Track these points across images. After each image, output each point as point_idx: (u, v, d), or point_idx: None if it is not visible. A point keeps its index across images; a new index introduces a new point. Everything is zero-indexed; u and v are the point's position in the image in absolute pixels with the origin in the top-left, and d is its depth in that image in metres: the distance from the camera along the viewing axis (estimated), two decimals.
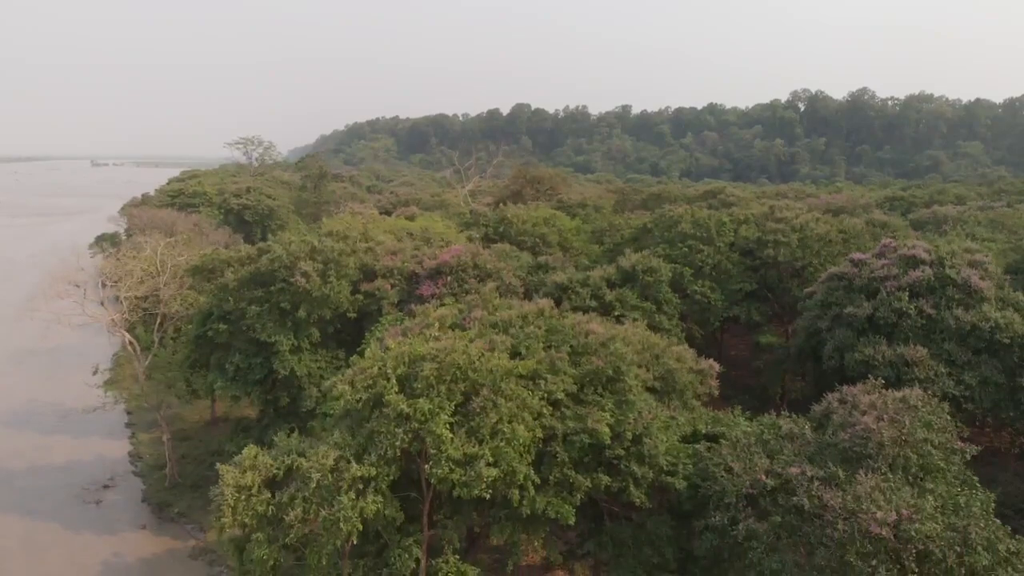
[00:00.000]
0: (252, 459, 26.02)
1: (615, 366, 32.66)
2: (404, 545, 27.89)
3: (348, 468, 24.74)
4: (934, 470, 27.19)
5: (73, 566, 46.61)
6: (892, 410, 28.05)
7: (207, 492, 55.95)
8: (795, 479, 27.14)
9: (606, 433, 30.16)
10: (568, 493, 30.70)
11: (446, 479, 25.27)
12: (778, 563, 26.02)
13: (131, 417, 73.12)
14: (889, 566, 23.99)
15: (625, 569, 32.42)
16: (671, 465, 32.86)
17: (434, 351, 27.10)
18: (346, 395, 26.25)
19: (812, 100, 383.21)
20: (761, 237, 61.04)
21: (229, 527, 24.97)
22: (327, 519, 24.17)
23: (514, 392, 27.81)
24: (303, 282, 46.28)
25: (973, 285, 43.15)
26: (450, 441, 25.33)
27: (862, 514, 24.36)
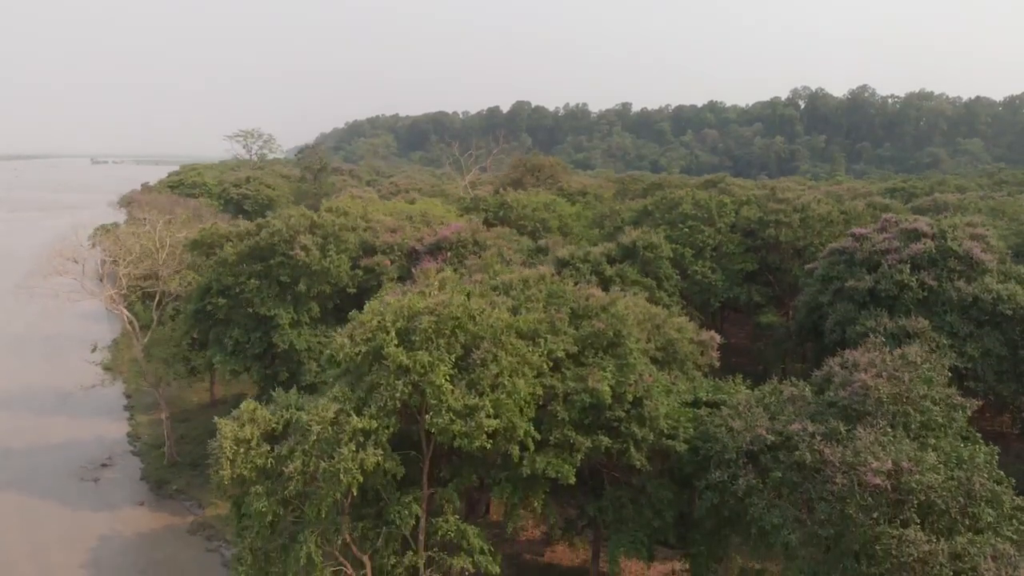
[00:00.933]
0: (251, 412, 25.86)
1: (616, 329, 32.49)
2: (404, 502, 27.72)
3: (348, 421, 24.57)
4: (935, 426, 27.02)
5: (71, 540, 46.42)
6: (891, 367, 27.88)
7: (206, 471, 56.12)
8: (796, 435, 27.00)
9: (607, 392, 29.98)
10: (568, 453, 30.54)
11: (446, 430, 25.09)
12: (779, 518, 25.87)
13: (130, 400, 73.00)
14: (891, 519, 23.83)
15: (625, 533, 32.25)
16: (671, 429, 32.71)
17: (433, 305, 26.94)
18: (345, 348, 26.09)
19: (812, 98, 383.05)
20: (763, 217, 60.91)
21: (227, 480, 24.77)
22: (327, 471, 23.98)
23: (514, 347, 27.64)
24: (303, 255, 46.13)
25: (975, 257, 43.01)
26: (450, 392, 25.17)
27: (861, 467, 24.19)
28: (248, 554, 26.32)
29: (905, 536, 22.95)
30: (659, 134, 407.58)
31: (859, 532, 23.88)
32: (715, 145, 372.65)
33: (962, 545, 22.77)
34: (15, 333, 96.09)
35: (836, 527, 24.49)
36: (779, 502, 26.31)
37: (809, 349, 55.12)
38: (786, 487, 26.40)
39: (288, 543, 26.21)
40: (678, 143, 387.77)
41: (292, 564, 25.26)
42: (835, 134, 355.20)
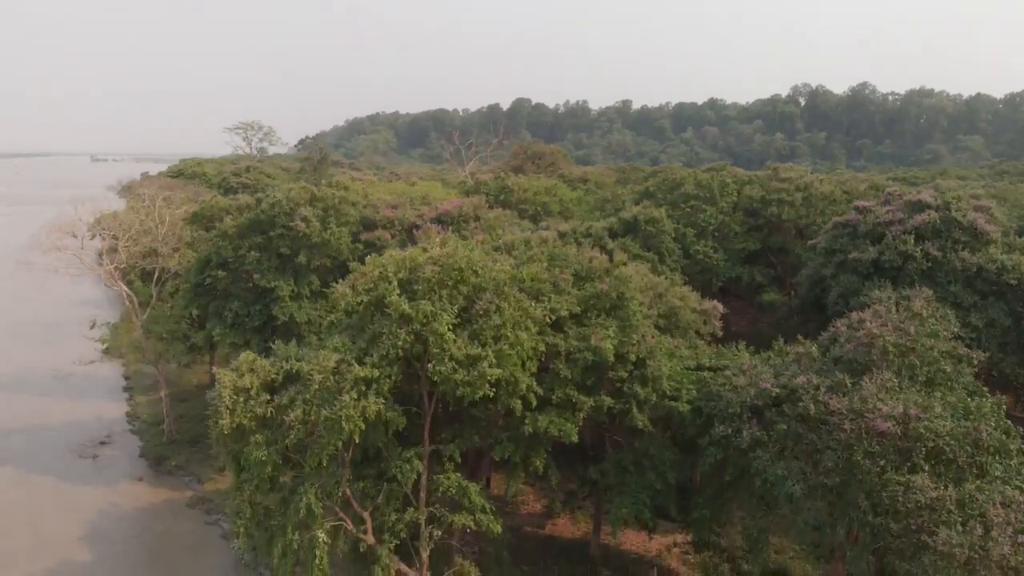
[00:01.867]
0: (250, 363, 25.56)
1: (619, 291, 32.23)
2: (405, 457, 27.44)
3: (350, 370, 24.28)
4: (942, 379, 26.76)
5: (68, 513, 46.13)
6: (897, 319, 27.61)
7: (205, 447, 55.90)
8: (801, 388, 26.72)
9: (609, 350, 29.72)
10: (571, 413, 30.27)
11: (449, 379, 24.79)
12: (783, 470, 25.59)
13: (129, 381, 72.73)
14: (898, 466, 23.56)
15: (627, 495, 31.97)
16: (674, 390, 32.48)
17: (436, 256, 26.66)
18: (347, 297, 25.81)
19: (812, 95, 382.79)
20: (765, 196, 60.65)
21: (227, 429, 24.45)
22: (328, 419, 23.67)
23: (517, 299, 27.35)
24: (303, 227, 45.87)
25: (979, 228, 42.77)
26: (452, 342, 24.88)
27: (868, 414, 23.92)
28: (247, 507, 26.03)
29: (912, 483, 22.70)
30: (659, 131, 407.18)
31: (866, 480, 23.62)
32: (715, 142, 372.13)
33: (970, 492, 22.50)
34: (16, 319, 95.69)
35: (842, 476, 24.24)
36: (784, 454, 26.02)
37: (811, 329, 54.83)
38: (791, 439, 26.13)
39: (288, 496, 25.93)
40: (678, 140, 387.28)
41: (292, 516, 24.96)
42: (835, 131, 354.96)
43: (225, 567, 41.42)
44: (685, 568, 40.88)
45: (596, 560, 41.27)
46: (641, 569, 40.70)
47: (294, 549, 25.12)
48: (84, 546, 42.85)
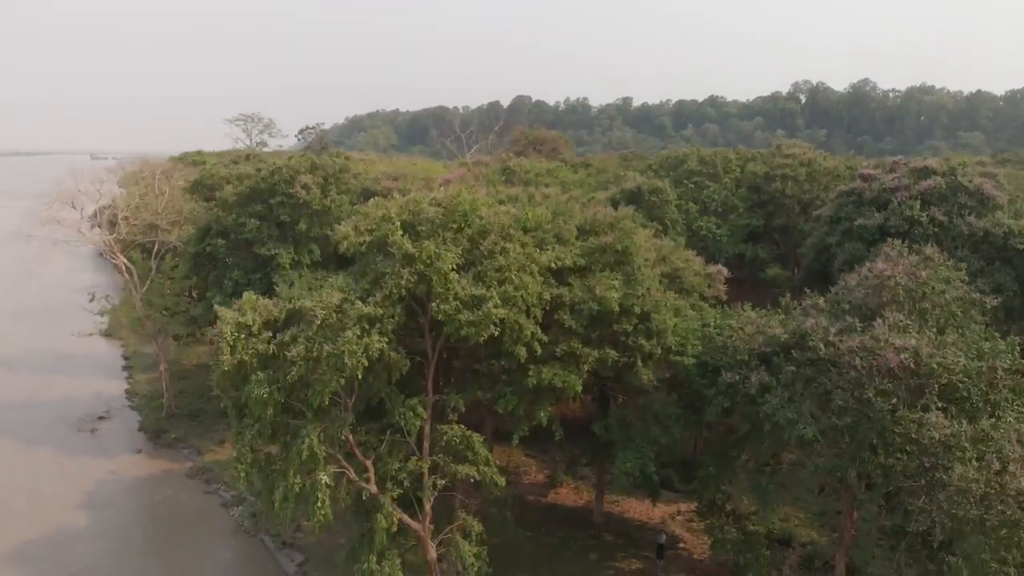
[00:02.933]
0: (252, 302, 25.16)
1: (624, 245, 31.85)
2: (409, 404, 27.02)
3: (353, 307, 23.86)
4: (955, 324, 26.35)
5: (67, 484, 45.69)
6: (908, 263, 27.21)
7: (205, 421, 55.50)
8: (810, 332, 26.29)
9: (614, 299, 29.32)
10: (575, 366, 29.85)
11: (453, 319, 24.37)
12: (793, 413, 25.13)
13: (128, 361, 72.34)
14: (911, 404, 23.14)
15: (632, 450, 31.51)
16: (679, 345, 32.07)
17: (439, 199, 26.27)
18: (349, 237, 25.39)
19: (813, 92, 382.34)
20: (768, 172, 60.23)
21: (227, 366, 24.04)
22: (331, 354, 23.25)
23: (522, 242, 26.95)
24: (303, 194, 45.47)
25: (986, 192, 42.41)
26: (457, 282, 24.47)
27: (879, 351, 23.50)
28: (248, 453, 25.59)
29: (926, 419, 22.29)
30: (660, 128, 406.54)
31: (877, 419, 23.20)
32: (716, 139, 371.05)
33: (985, 429, 22.09)
34: (15, 304, 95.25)
35: (853, 416, 23.80)
36: (793, 398, 25.59)
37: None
38: (800, 383, 25.69)
39: (289, 441, 25.50)
40: (679, 137, 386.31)
41: (294, 459, 24.52)
42: (836, 128, 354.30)
43: (225, 534, 41.02)
44: (689, 535, 40.50)
45: (599, 526, 40.89)
46: (644, 535, 40.31)
47: (295, 493, 24.69)
48: (82, 513, 42.45)
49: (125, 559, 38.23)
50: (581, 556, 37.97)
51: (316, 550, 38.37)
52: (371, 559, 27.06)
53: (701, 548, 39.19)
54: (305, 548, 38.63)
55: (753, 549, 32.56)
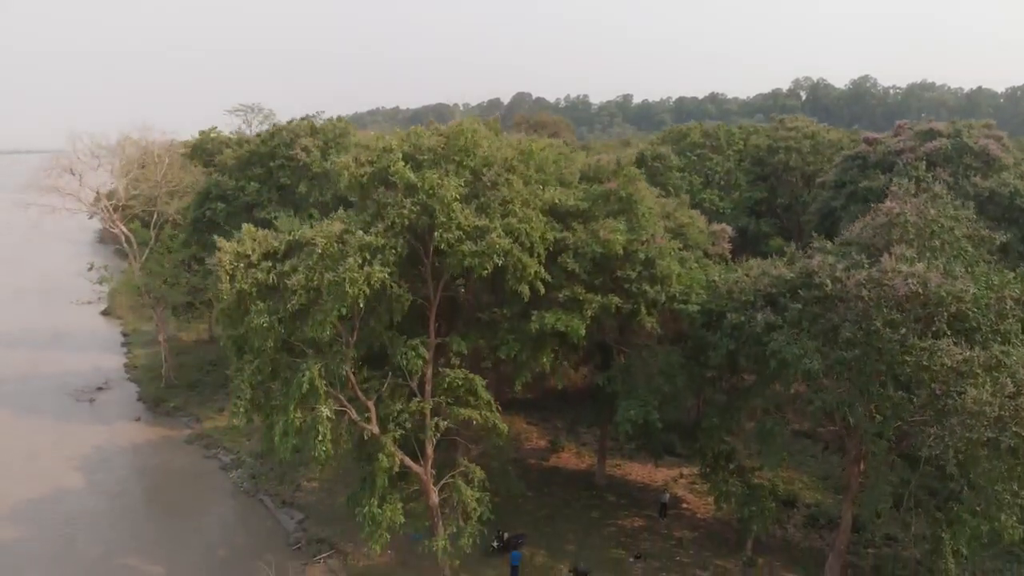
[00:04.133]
0: (251, 233, 24.81)
1: (628, 191, 31.49)
2: (411, 345, 26.65)
3: (354, 237, 23.47)
4: (964, 259, 25.99)
5: (65, 448, 45.30)
6: (918, 201, 26.87)
7: (204, 392, 55.11)
8: (817, 269, 25.94)
9: (619, 242, 28.96)
10: (578, 312, 29.45)
11: (457, 251, 23.98)
12: (800, 349, 24.77)
13: (127, 338, 71.90)
14: (920, 333, 22.78)
15: (636, 399, 31.07)
16: (684, 294, 31.71)
17: (441, 129, 25.86)
18: (349, 169, 24.99)
19: (814, 88, 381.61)
20: (772, 144, 59.82)
21: (227, 294, 23.66)
22: (332, 282, 22.87)
23: (525, 175, 26.59)
24: (303, 156, 45.09)
25: (992, 153, 42.07)
26: (460, 210, 24.09)
27: (887, 281, 23.13)
28: (247, 388, 25.18)
29: (937, 346, 21.94)
30: (660, 125, 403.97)
31: (886, 350, 22.85)
32: None
33: (997, 356, 21.75)
34: (14, 286, 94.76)
35: (861, 348, 23.44)
36: (800, 335, 25.23)
37: None
38: (807, 320, 25.35)
39: (289, 377, 25.11)
40: None
41: (294, 393, 24.12)
42: (837, 124, 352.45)
43: (224, 494, 40.66)
44: (692, 496, 40.16)
45: (601, 488, 40.53)
46: (647, 496, 39.95)
47: (296, 427, 24.27)
48: (79, 475, 42.10)
49: (123, 515, 37.91)
50: (583, 514, 37.61)
51: (316, 508, 38.02)
52: (372, 502, 26.70)
53: (704, 508, 38.85)
54: (305, 507, 38.27)
55: (758, 501, 32.22)
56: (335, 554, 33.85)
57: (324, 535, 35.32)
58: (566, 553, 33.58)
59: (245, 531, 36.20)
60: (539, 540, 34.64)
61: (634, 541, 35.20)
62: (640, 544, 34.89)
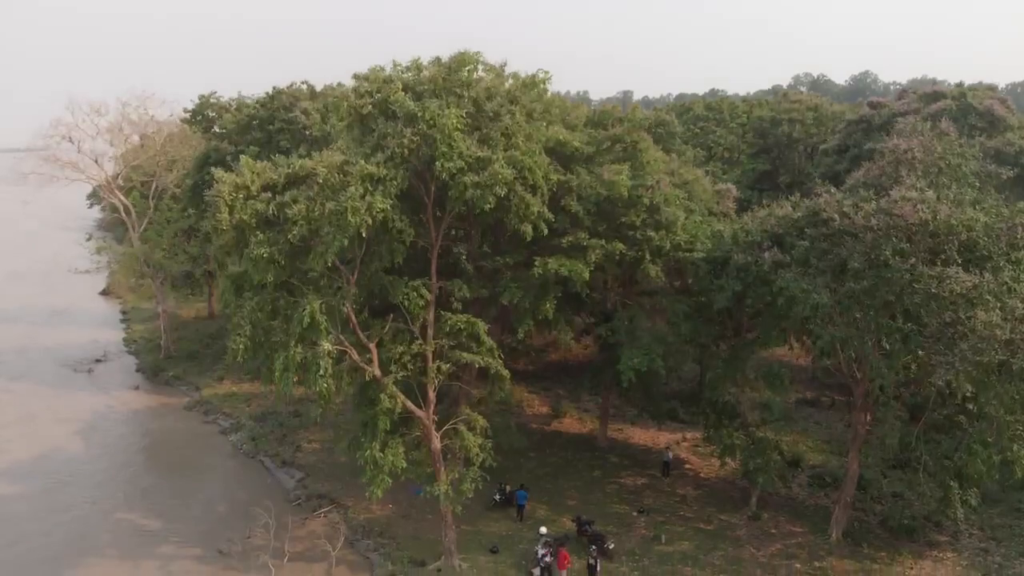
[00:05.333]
0: (250, 165, 24.42)
1: (633, 138, 31.17)
2: (412, 286, 26.28)
3: (356, 166, 23.08)
4: (972, 195, 25.63)
5: (62, 414, 44.94)
6: (924, 139, 26.55)
7: (203, 362, 54.76)
8: (824, 205, 25.61)
9: (623, 184, 28.57)
10: (582, 258, 29.05)
11: (459, 183, 23.58)
12: (809, 284, 24.42)
13: (126, 315, 71.50)
14: (930, 262, 22.45)
15: (639, 348, 30.70)
16: (688, 243, 31.40)
17: (442, 60, 25.38)
18: (349, 99, 24.61)
19: (814, 84, 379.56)
20: (775, 116, 59.49)
21: (226, 224, 23.29)
22: (333, 212, 22.49)
23: (528, 108, 26.21)
24: (303, 119, 44.72)
25: (997, 114, 41.78)
26: (461, 140, 23.69)
27: (896, 211, 22.81)
28: (247, 325, 24.82)
29: (946, 273, 21.60)
30: None
31: (895, 279, 22.50)
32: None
33: (1007, 281, 21.43)
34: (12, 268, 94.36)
35: (870, 280, 23.09)
36: (808, 271, 24.90)
37: None
38: (815, 256, 25.00)
39: (290, 314, 24.74)
40: None
41: (295, 328, 23.76)
42: None
43: (224, 456, 40.33)
44: (696, 458, 39.83)
45: (604, 450, 40.20)
46: (650, 457, 39.63)
47: (296, 362, 23.88)
48: (77, 438, 41.76)
49: (121, 473, 37.63)
50: (585, 473, 37.30)
51: (316, 468, 37.71)
52: (374, 446, 26.32)
53: (708, 469, 38.53)
54: (305, 466, 37.94)
55: (763, 454, 31.89)
56: (335, 508, 33.51)
57: (324, 491, 35.00)
58: (568, 508, 33.27)
59: (244, 489, 35.85)
60: (541, 496, 34.31)
61: (637, 497, 34.89)
62: (643, 500, 34.58)
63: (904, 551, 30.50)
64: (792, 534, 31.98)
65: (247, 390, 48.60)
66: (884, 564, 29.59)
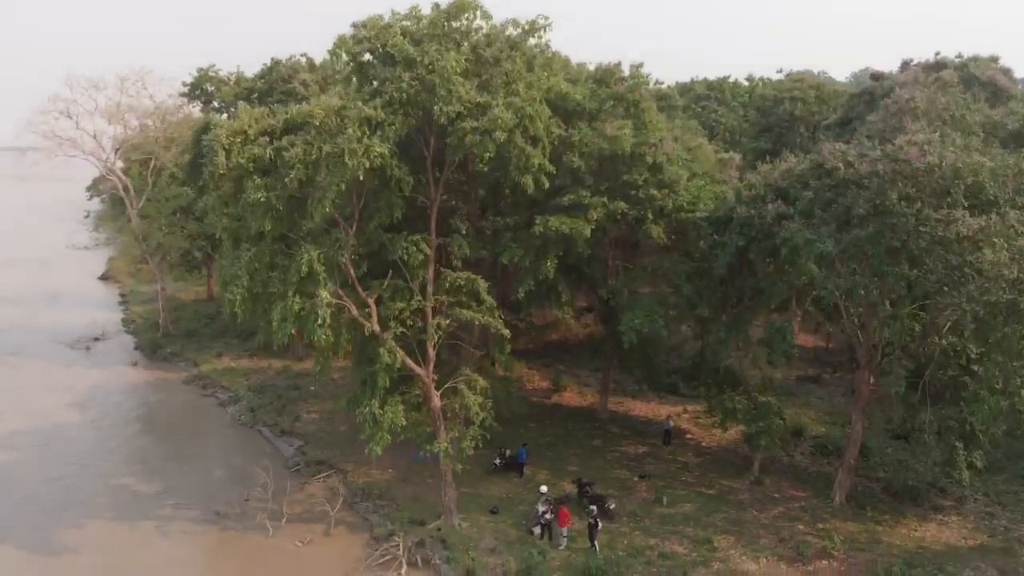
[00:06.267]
0: (248, 111, 24.11)
1: (636, 98, 30.87)
2: (411, 239, 26.00)
3: (354, 109, 22.77)
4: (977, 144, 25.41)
5: (58, 389, 44.44)
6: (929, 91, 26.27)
7: (201, 340, 54.44)
8: (828, 156, 25.33)
9: (627, 139, 28.30)
10: (583, 216, 28.75)
11: (459, 129, 23.27)
12: (813, 234, 24.14)
13: (124, 297, 71.06)
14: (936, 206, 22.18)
15: (641, 308, 30.42)
16: (691, 203, 31.11)
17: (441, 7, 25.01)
18: (346, 45, 24.30)
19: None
20: (777, 95, 59.22)
21: (222, 169, 22.99)
22: (331, 154, 22.21)
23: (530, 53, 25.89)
24: (302, 90, 44.44)
25: (999, 84, 41.49)
26: (461, 84, 23.39)
27: (902, 155, 22.52)
28: (244, 275, 24.53)
29: (953, 215, 21.35)
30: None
31: (901, 224, 22.22)
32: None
33: (1015, 224, 21.18)
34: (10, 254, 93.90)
35: (876, 225, 22.81)
36: (813, 221, 24.62)
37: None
38: (819, 206, 24.72)
39: (287, 265, 24.44)
40: None
41: (292, 276, 23.48)
42: None
43: (223, 426, 40.06)
44: (697, 428, 39.56)
45: (604, 421, 39.92)
46: (650, 428, 39.36)
47: (294, 311, 23.58)
48: (73, 411, 41.35)
49: (117, 441, 37.44)
50: (585, 442, 37.07)
51: (315, 436, 37.44)
52: (373, 403, 26.04)
53: (709, 438, 38.30)
54: (304, 435, 37.66)
55: (765, 417, 31.60)
56: (335, 473, 33.22)
57: (323, 457, 34.72)
58: (569, 473, 32.99)
59: (242, 455, 35.56)
60: (541, 462, 34.07)
61: (638, 464, 34.64)
62: (644, 467, 34.32)
63: (908, 514, 30.27)
64: (794, 498, 31.73)
65: (246, 366, 48.34)
66: (888, 526, 29.35)
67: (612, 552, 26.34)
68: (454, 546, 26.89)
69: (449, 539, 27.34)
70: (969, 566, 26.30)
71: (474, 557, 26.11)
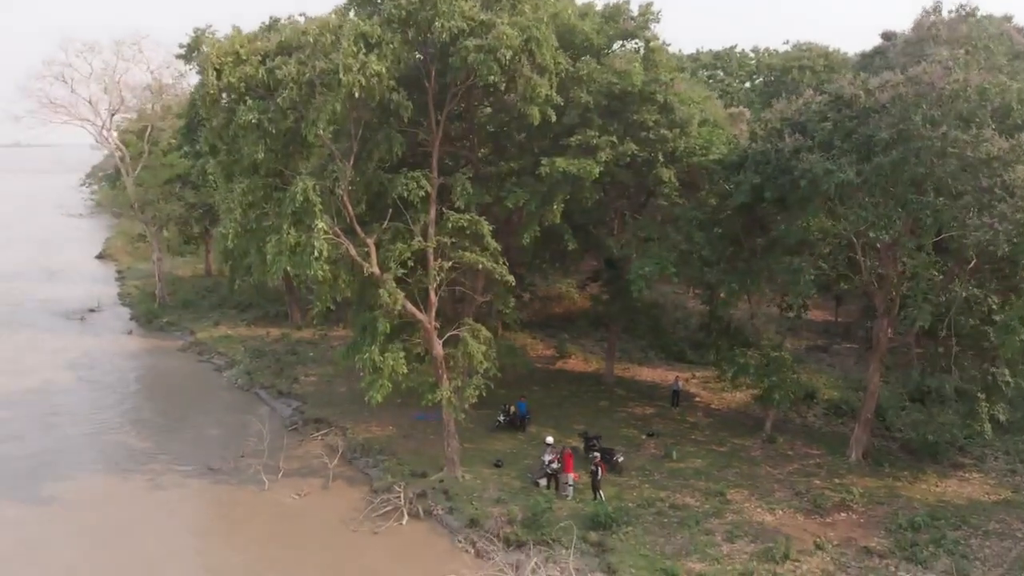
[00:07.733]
0: (239, 34, 23.07)
1: (646, 35, 29.81)
2: (412, 176, 24.93)
3: (349, 25, 21.71)
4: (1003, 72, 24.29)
5: (53, 354, 43.48)
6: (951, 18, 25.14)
7: (198, 310, 53.41)
8: (847, 89, 24.23)
9: (638, 75, 27.23)
10: (591, 157, 27.63)
11: (461, 48, 22.21)
12: (833, 164, 23.03)
13: (121, 274, 70.01)
14: (962, 129, 21.09)
15: (651, 257, 29.34)
16: (703, 147, 30.02)
17: None
18: None
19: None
20: (786, 64, 58.08)
21: (214, 89, 21.97)
22: (325, 71, 21.17)
23: None
24: None
25: (1015, 40, 40.23)
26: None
27: (926, 77, 21.42)
28: (238, 208, 23.48)
29: (982, 135, 20.25)
30: None
31: (925, 149, 21.11)
32: None
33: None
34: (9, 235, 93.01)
35: (899, 152, 21.72)
36: (832, 152, 23.53)
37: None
38: (839, 137, 23.62)
39: (282, 197, 23.38)
40: None
41: (287, 207, 22.44)
42: None
43: (218, 389, 39.04)
44: (706, 392, 38.51)
45: (610, 385, 38.84)
46: (657, 391, 38.30)
47: (290, 244, 22.52)
48: (68, 372, 40.47)
49: (112, 401, 36.41)
50: (591, 403, 36.01)
51: (313, 396, 36.43)
52: (372, 350, 24.97)
53: (719, 401, 37.27)
54: (302, 396, 36.64)
55: (779, 371, 30.49)
56: (334, 430, 32.18)
57: (322, 416, 33.68)
58: (575, 431, 31.86)
59: (238, 415, 34.45)
60: (547, 421, 32.99)
61: (646, 424, 33.59)
62: (653, 426, 33.25)
63: (928, 471, 29.20)
64: (809, 455, 30.67)
65: (243, 333, 47.34)
66: (907, 482, 28.29)
67: (621, 503, 25.30)
68: (457, 496, 25.85)
69: (452, 490, 26.29)
70: (995, 519, 25.28)
71: (478, 507, 25.09)
